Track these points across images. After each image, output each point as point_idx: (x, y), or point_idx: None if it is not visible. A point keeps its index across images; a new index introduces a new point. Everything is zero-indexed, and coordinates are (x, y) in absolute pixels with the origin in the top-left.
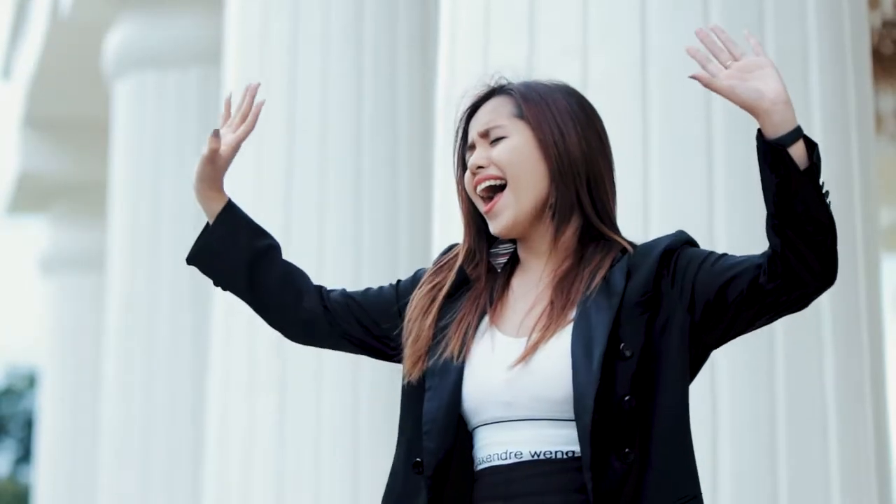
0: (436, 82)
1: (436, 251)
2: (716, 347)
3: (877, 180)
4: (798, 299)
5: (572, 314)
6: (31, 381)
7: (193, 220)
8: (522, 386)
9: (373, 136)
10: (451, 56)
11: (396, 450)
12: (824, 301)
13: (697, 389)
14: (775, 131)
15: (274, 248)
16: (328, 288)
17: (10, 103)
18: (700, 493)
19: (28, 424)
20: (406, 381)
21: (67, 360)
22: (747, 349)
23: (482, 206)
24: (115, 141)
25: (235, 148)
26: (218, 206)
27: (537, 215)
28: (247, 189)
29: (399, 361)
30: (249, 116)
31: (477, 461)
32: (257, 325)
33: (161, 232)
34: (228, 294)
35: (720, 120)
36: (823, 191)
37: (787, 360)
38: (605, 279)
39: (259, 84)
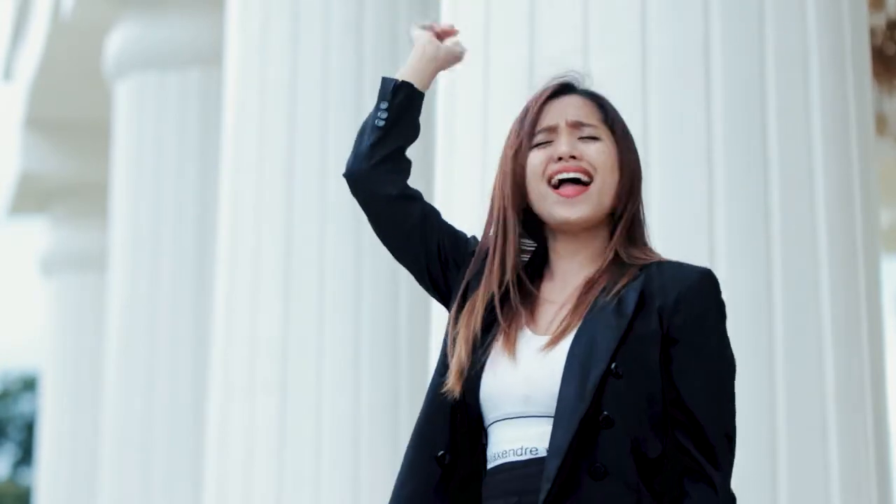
0: (436, 83)
1: None
2: None
3: (877, 182)
4: None
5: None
6: (26, 384)
7: (194, 221)
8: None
9: None
10: None
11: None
12: (824, 301)
13: None
14: None
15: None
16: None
17: (12, 104)
18: None
19: (26, 427)
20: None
21: (68, 361)
22: (747, 349)
23: (548, 189)
24: (116, 142)
25: (453, 55)
26: (423, 84)
27: (603, 221)
28: (248, 188)
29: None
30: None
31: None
32: (257, 326)
33: (162, 233)
34: (228, 294)
35: (720, 120)
36: None
37: (787, 360)
38: (619, 296)
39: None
